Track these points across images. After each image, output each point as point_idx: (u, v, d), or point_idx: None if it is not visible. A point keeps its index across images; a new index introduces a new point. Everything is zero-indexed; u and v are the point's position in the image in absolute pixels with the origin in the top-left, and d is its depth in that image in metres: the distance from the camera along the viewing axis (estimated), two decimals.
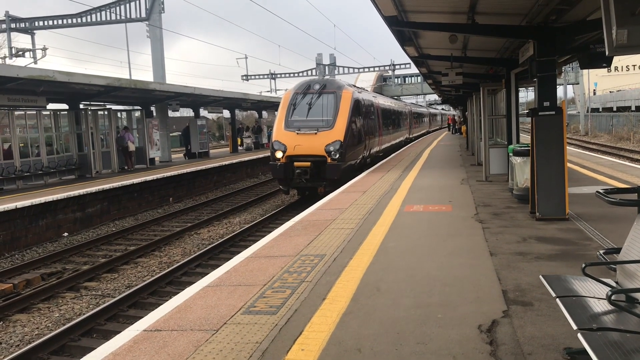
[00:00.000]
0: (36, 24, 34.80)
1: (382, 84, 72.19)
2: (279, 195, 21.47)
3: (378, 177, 16.88)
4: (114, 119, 24.38)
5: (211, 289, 6.25)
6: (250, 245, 8.88)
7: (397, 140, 32.61)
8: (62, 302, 9.98)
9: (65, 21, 33.90)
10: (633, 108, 47.41)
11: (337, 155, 17.22)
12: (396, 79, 73.38)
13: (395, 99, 42.98)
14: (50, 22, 34.45)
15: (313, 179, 17.35)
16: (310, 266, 6.95)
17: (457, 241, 8.03)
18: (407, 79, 75.13)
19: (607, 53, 4.94)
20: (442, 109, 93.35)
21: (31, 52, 32.26)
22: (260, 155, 30.98)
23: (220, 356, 4.40)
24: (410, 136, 41.20)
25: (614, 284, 4.22)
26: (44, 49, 30.62)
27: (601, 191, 4.75)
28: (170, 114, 30.69)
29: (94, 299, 10.09)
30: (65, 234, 15.69)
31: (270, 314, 5.29)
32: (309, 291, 5.94)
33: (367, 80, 69.73)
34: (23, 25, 34.83)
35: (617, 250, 4.43)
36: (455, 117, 54.56)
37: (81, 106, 22.98)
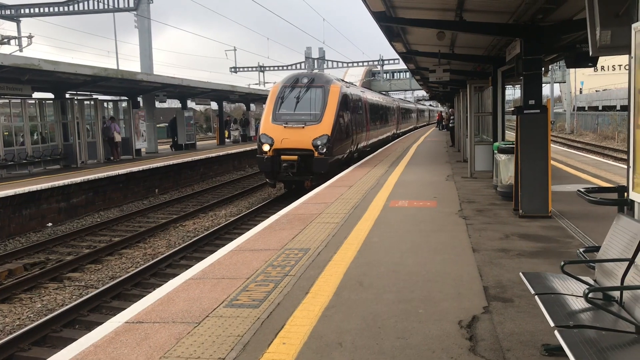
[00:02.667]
0: (22, 11, 34.39)
1: (370, 79, 72.20)
2: (266, 189, 21.45)
3: (364, 171, 16.92)
4: (100, 109, 24.19)
5: (194, 281, 6.25)
6: (235, 238, 8.88)
7: (385, 136, 32.68)
8: (44, 292, 9.92)
9: (51, 9, 33.53)
10: (618, 107, 47.88)
11: (325, 150, 17.24)
12: (385, 74, 73.43)
13: (384, 94, 43.07)
14: (37, 10, 34.06)
15: (300, 173, 17.36)
16: (294, 260, 6.97)
17: (441, 237, 8.08)
18: (395, 74, 75.23)
19: (590, 53, 5.00)
20: (430, 105, 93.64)
21: (16, 40, 31.87)
22: (248, 148, 30.92)
23: (202, 349, 4.41)
24: (398, 132, 41.31)
25: (592, 282, 4.28)
26: (30, 37, 30.26)
27: (582, 190, 4.82)
28: (158, 105, 30.50)
29: (77, 289, 10.04)
30: (49, 224, 15.57)
31: (252, 307, 5.31)
32: (292, 285, 5.96)
33: (355, 75, 69.72)
34: (8, 13, 34.40)
35: (597, 249, 4.50)
36: (443, 114, 54.73)
37: (67, 95, 22.76)
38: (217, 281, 6.21)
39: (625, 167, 4.46)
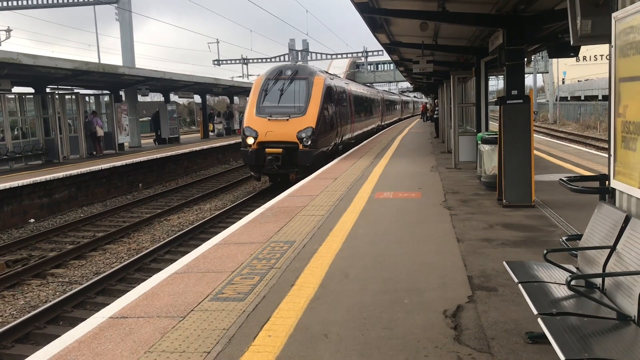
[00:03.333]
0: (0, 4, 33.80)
1: (354, 71, 72.18)
2: (250, 182, 21.38)
3: (350, 164, 16.93)
4: (82, 104, 23.91)
5: (179, 275, 6.22)
6: (220, 232, 8.85)
7: (369, 128, 32.71)
8: (27, 289, 9.82)
9: (30, 2, 32.99)
10: (600, 97, 48.31)
11: (309, 142, 17.21)
12: (369, 66, 73.46)
13: (368, 86, 43.07)
14: (15, 3, 33.49)
15: (285, 166, 17.32)
16: (279, 253, 6.96)
17: (426, 228, 8.12)
18: (379, 66, 75.29)
19: (571, 42, 5.03)
20: (414, 96, 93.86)
21: None
22: (232, 141, 30.78)
23: (187, 343, 4.39)
24: (383, 123, 41.36)
25: (574, 270, 4.32)
26: (8, 31, 29.80)
27: (564, 179, 4.86)
28: (140, 98, 30.28)
29: (60, 286, 9.95)
30: (32, 220, 15.40)
31: (238, 300, 5.29)
32: (278, 277, 5.96)
33: (339, 66, 69.75)
34: None
35: (579, 237, 4.54)
36: (428, 105, 54.88)
37: (48, 90, 22.47)
38: (202, 275, 6.18)
39: (607, 156, 4.51)
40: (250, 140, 17.40)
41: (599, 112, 43.04)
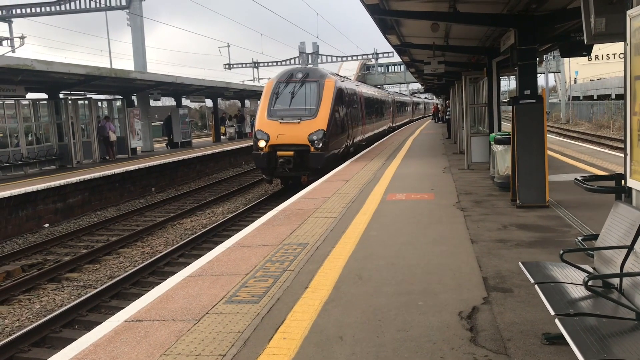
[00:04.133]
0: (14, 11, 34.16)
1: (365, 73, 72.13)
2: (262, 185, 21.41)
3: (361, 165, 16.91)
4: (95, 109, 24.08)
5: (193, 278, 6.23)
6: (233, 235, 8.87)
7: (380, 129, 32.66)
8: (43, 293, 9.89)
9: (43, 9, 33.32)
10: (613, 96, 47.89)
11: (320, 145, 17.21)
12: (379, 68, 73.41)
13: (379, 88, 43.00)
14: (28, 10, 33.84)
15: (296, 168, 17.33)
16: (292, 255, 6.96)
17: (439, 229, 8.08)
18: (390, 67, 75.14)
19: (585, 41, 4.99)
20: (425, 97, 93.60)
21: (9, 41, 31.67)
22: (243, 145, 30.85)
23: (202, 346, 4.40)
24: (393, 125, 41.29)
25: (591, 270, 4.28)
26: (22, 38, 30.06)
27: (580, 178, 4.82)
28: (152, 103, 30.41)
29: (75, 290, 10.02)
30: (46, 224, 15.52)
31: (252, 303, 5.29)
32: (292, 280, 5.95)
33: (350, 69, 69.69)
34: (0, 13, 34.18)
35: (595, 237, 4.50)
36: (439, 106, 54.68)
37: (61, 95, 22.66)
38: (216, 278, 6.19)
39: (622, 155, 4.46)
40: (261, 144, 17.43)
41: (612, 111, 42.67)
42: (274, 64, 60.70)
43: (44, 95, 22.26)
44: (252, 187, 21.67)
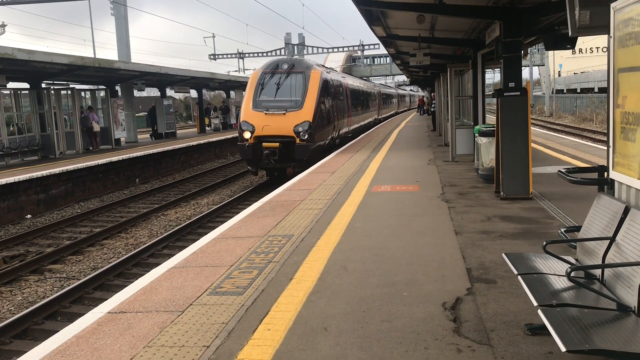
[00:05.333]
0: None
1: (351, 65, 72.07)
2: (248, 176, 21.35)
3: (347, 157, 16.92)
4: (78, 99, 23.80)
5: (177, 270, 6.20)
6: (217, 227, 8.83)
7: (366, 121, 32.68)
8: (25, 285, 9.79)
9: None
10: (596, 90, 48.34)
11: (306, 136, 17.16)
12: (365, 60, 73.36)
13: (365, 80, 42.99)
14: None
15: (282, 160, 17.28)
16: (278, 246, 6.95)
17: (424, 220, 8.11)
18: (376, 59, 75.16)
19: (570, 34, 5.01)
20: (411, 90, 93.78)
21: None
22: (229, 136, 30.72)
23: (186, 337, 4.38)
24: (379, 117, 41.33)
25: (573, 261, 4.32)
26: (3, 26, 29.62)
27: (563, 170, 4.85)
28: (136, 93, 30.15)
29: (58, 281, 9.93)
30: (29, 215, 15.36)
31: (236, 294, 5.28)
32: (276, 271, 5.94)
33: (336, 60, 69.59)
34: None
35: (578, 228, 4.54)
36: (424, 99, 54.81)
37: (43, 85, 22.38)
38: (200, 269, 6.17)
39: (604, 148, 4.49)
40: (247, 135, 17.34)
41: (595, 104, 43.07)
42: (260, 54, 60.41)
43: (26, 85, 21.95)
44: (237, 178, 21.60)
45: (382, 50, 39.57)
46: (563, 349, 2.85)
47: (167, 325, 4.62)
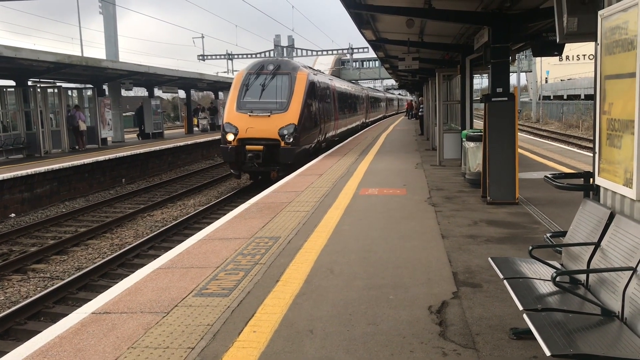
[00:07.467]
0: None
1: (340, 68, 72.20)
2: (234, 178, 21.27)
3: (334, 160, 16.92)
4: (65, 97, 23.61)
5: (163, 271, 6.16)
6: (204, 228, 8.79)
7: (354, 125, 32.66)
8: (7, 284, 9.68)
9: None
10: (582, 97, 48.78)
11: (291, 139, 16.94)
12: (354, 63, 73.50)
13: (353, 83, 43.05)
14: None
15: (265, 163, 16.97)
16: (264, 248, 6.93)
17: (410, 224, 8.13)
18: (365, 63, 75.38)
19: (557, 40, 5.05)
20: (399, 94, 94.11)
21: None
22: (216, 137, 30.51)
23: (171, 338, 4.35)
24: (367, 120, 41.37)
25: (559, 266, 4.35)
26: None
27: (549, 176, 4.88)
28: (124, 93, 29.99)
29: (42, 281, 9.82)
30: (12, 214, 15.19)
31: (222, 296, 5.25)
32: (263, 273, 5.93)
33: (325, 63, 69.54)
34: None
35: (564, 234, 4.57)
36: (413, 103, 55.00)
37: (29, 83, 22.17)
38: (186, 270, 6.13)
39: (590, 154, 4.53)
40: (230, 137, 17.00)
41: (582, 111, 43.48)
42: (249, 56, 60.37)
43: (12, 83, 21.73)
44: (224, 179, 21.52)
45: (372, 54, 39.66)
46: (548, 353, 2.86)
47: (152, 327, 4.58)
